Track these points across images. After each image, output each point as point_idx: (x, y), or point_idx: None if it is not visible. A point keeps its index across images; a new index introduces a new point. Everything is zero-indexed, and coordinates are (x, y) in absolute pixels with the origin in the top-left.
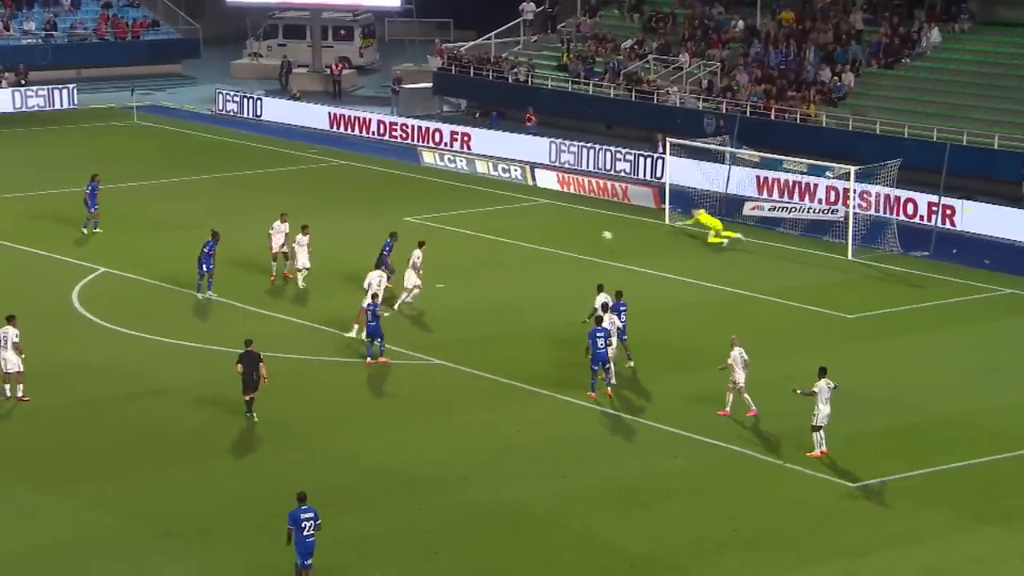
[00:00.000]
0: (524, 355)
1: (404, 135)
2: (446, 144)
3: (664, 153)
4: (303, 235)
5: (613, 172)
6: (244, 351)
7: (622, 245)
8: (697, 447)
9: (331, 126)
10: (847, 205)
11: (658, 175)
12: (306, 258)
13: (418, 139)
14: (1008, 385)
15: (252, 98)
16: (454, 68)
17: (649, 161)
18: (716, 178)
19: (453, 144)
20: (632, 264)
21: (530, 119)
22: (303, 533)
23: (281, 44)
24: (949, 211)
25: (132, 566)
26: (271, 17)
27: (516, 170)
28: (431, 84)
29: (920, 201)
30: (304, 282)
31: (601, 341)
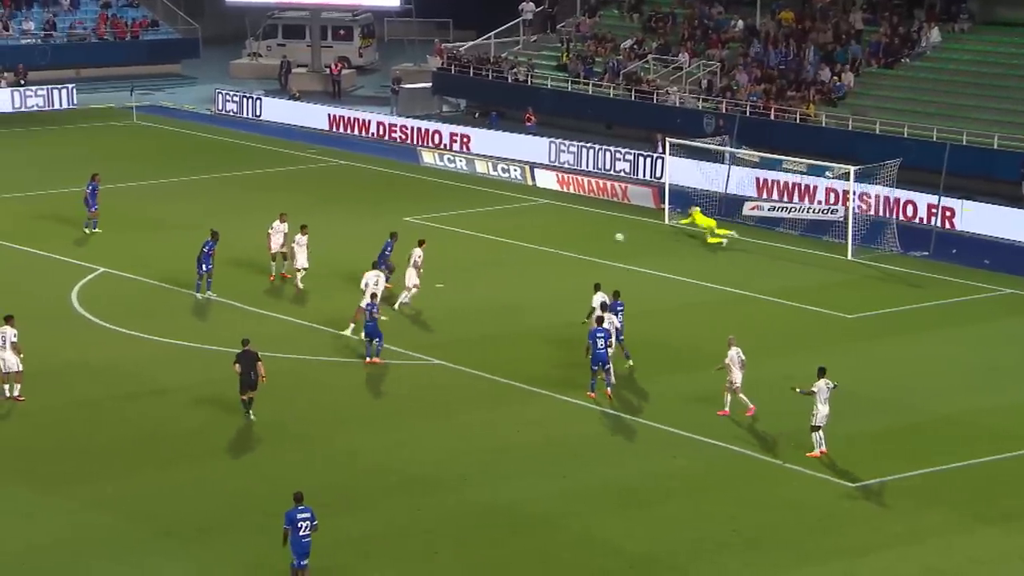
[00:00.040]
0: (523, 355)
1: (404, 137)
2: (445, 145)
3: (664, 153)
4: (302, 235)
5: (613, 172)
6: (241, 351)
7: (621, 245)
8: (696, 447)
9: (330, 127)
10: (847, 206)
11: (658, 175)
12: (304, 258)
13: (417, 141)
14: (1008, 385)
15: (251, 98)
16: (453, 68)
17: (649, 161)
18: (716, 178)
19: (452, 146)
20: (632, 264)
21: (530, 119)
22: (299, 533)
23: (280, 44)
24: (949, 213)
25: (131, 566)
26: (270, 17)
27: (516, 170)
28: (430, 84)
29: (920, 203)
30: (302, 282)
31: (601, 341)
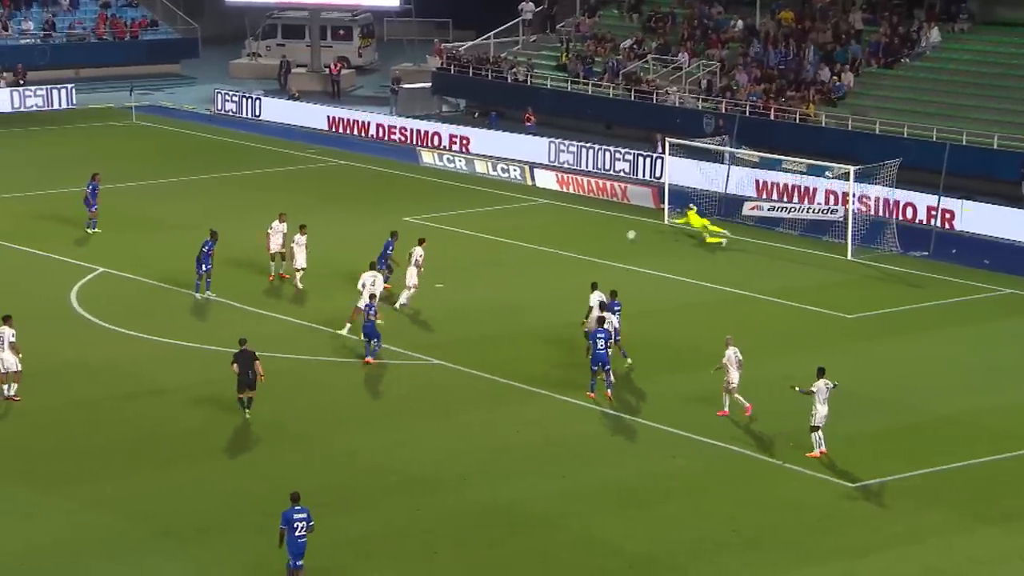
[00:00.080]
0: (523, 355)
1: (403, 139)
2: (445, 147)
3: (663, 153)
4: (301, 235)
5: (612, 172)
6: (239, 350)
7: (621, 245)
8: (696, 447)
9: (330, 128)
10: (846, 206)
11: (657, 175)
12: (303, 258)
13: (417, 142)
14: (1008, 385)
15: (251, 98)
16: (453, 68)
17: (648, 161)
18: (715, 178)
19: (452, 147)
20: (631, 264)
21: (529, 119)
22: (295, 534)
23: (280, 44)
24: (948, 215)
25: (130, 566)
26: (270, 17)
27: (515, 170)
28: (430, 84)
29: (919, 206)
30: (301, 282)
31: (601, 342)
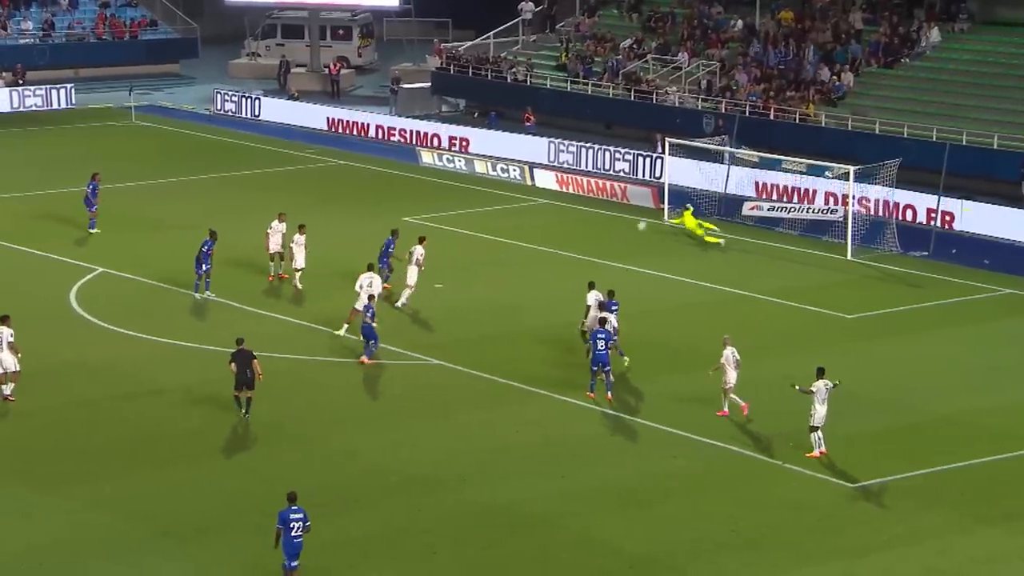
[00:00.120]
0: (522, 355)
1: (403, 140)
2: (444, 147)
3: (663, 153)
4: (300, 235)
5: (612, 172)
6: (236, 350)
7: (621, 245)
8: (695, 447)
9: (329, 128)
10: (846, 206)
11: (657, 175)
12: (302, 258)
13: (417, 143)
14: (1008, 385)
15: (250, 98)
16: (453, 68)
17: (648, 161)
18: (715, 178)
19: (452, 148)
20: (631, 264)
21: (529, 119)
22: (291, 534)
23: (279, 44)
24: (948, 217)
25: (129, 566)
26: (269, 17)
27: (515, 170)
28: (430, 84)
29: (919, 208)
30: (300, 282)
31: (602, 343)
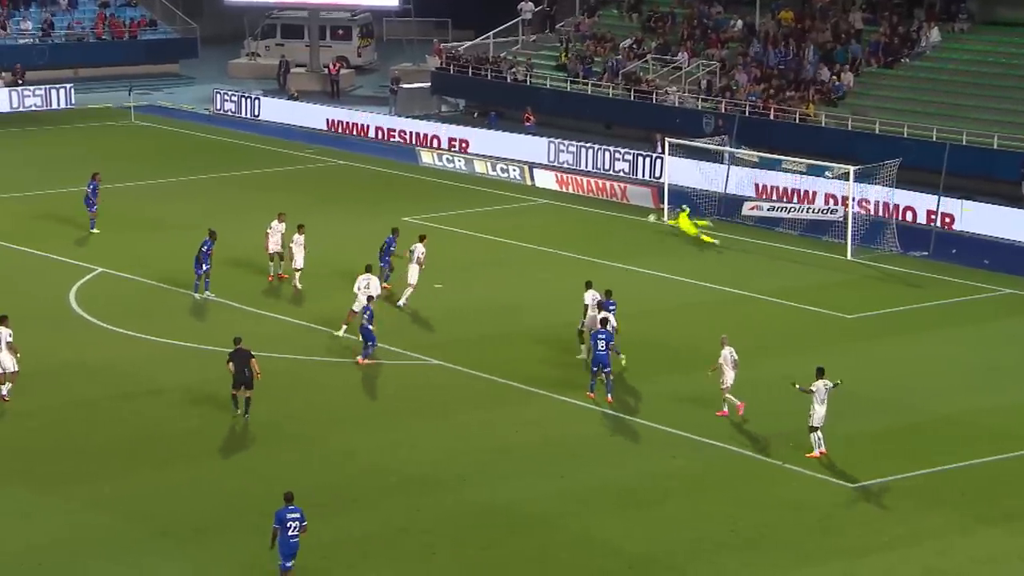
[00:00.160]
0: (522, 355)
1: (403, 142)
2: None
3: (663, 153)
4: (299, 235)
5: (612, 172)
6: (234, 349)
7: (621, 245)
8: (695, 447)
9: (329, 129)
10: (846, 206)
11: (657, 175)
12: (301, 258)
13: (417, 144)
14: (1008, 385)
15: (250, 98)
16: (452, 68)
17: (648, 161)
18: (715, 178)
19: (452, 148)
20: (630, 264)
21: (529, 119)
22: (287, 533)
23: (279, 44)
24: (948, 219)
25: (128, 566)
26: (269, 17)
27: (515, 170)
28: (429, 84)
29: (919, 210)
30: (299, 282)
31: (602, 343)
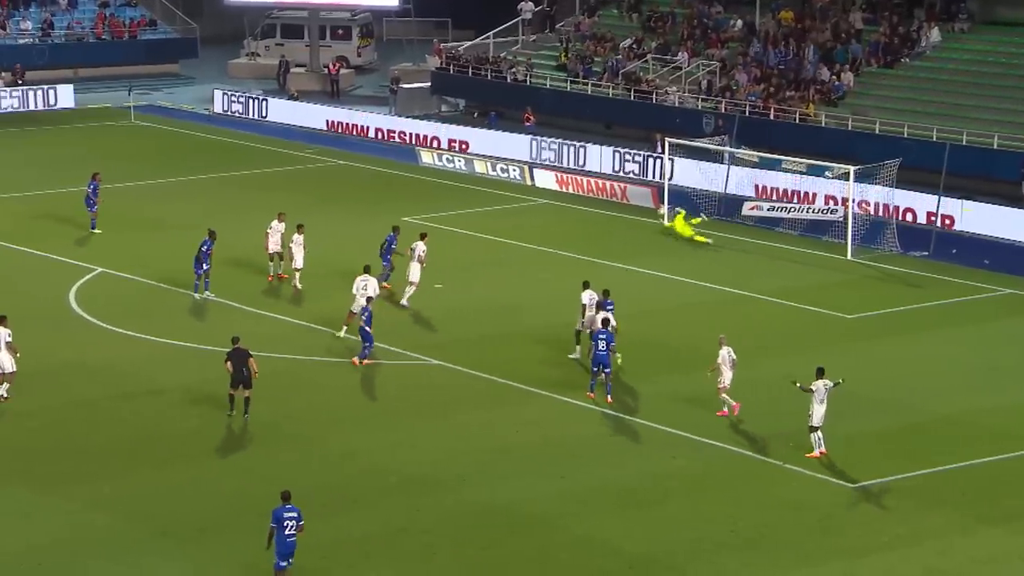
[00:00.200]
0: (522, 355)
1: (403, 143)
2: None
3: (663, 153)
4: (299, 234)
5: (612, 172)
6: (232, 348)
7: (620, 245)
8: (695, 447)
9: (329, 129)
10: (846, 206)
11: (657, 175)
12: (300, 258)
13: (416, 144)
14: (1008, 385)
15: (256, 99)
16: (452, 68)
17: (648, 161)
18: (715, 178)
19: (451, 149)
20: (630, 264)
21: (529, 119)
22: (284, 532)
23: (279, 44)
24: (948, 221)
25: (128, 566)
26: (269, 16)
27: (515, 170)
28: (429, 84)
29: (919, 211)
30: (299, 282)
31: (602, 343)
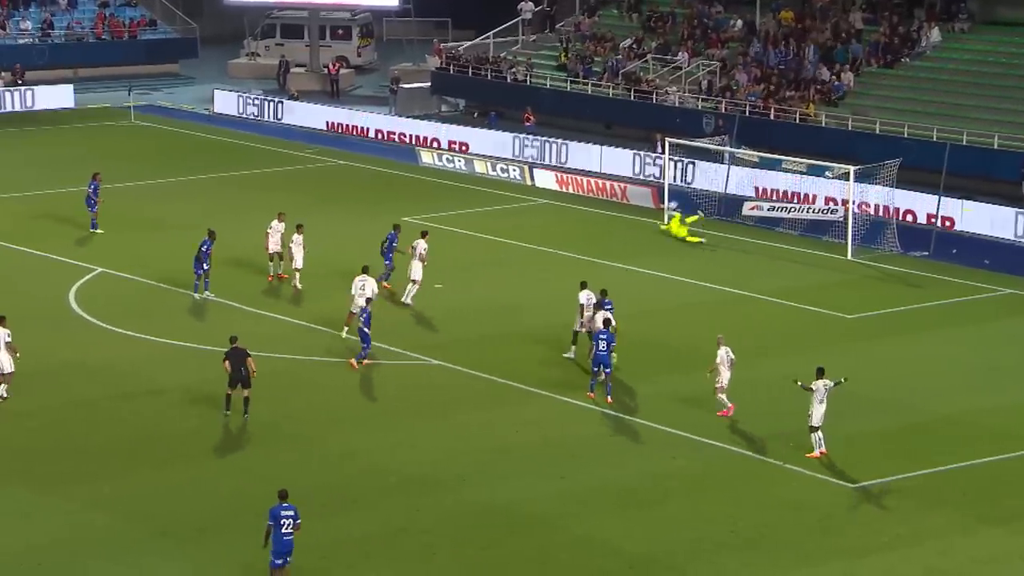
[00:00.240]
0: (522, 355)
1: (403, 143)
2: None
3: (663, 153)
4: (298, 234)
5: (612, 172)
6: (230, 348)
7: (620, 245)
8: (695, 447)
9: (329, 129)
10: (846, 206)
11: (657, 175)
12: (300, 257)
13: (416, 145)
14: (1008, 385)
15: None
16: (452, 68)
17: (648, 161)
18: (715, 178)
19: (451, 149)
20: (630, 264)
21: (529, 119)
22: (281, 531)
23: (279, 44)
24: (948, 221)
25: (128, 566)
26: (269, 16)
27: (515, 170)
28: (429, 84)
29: (919, 211)
30: (299, 282)
31: (603, 343)
